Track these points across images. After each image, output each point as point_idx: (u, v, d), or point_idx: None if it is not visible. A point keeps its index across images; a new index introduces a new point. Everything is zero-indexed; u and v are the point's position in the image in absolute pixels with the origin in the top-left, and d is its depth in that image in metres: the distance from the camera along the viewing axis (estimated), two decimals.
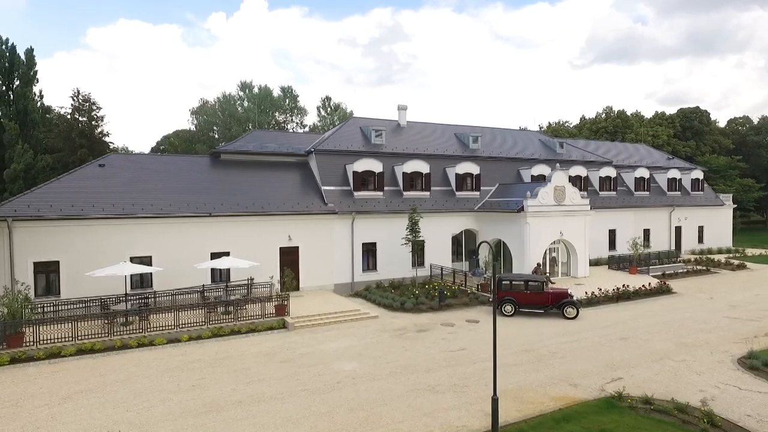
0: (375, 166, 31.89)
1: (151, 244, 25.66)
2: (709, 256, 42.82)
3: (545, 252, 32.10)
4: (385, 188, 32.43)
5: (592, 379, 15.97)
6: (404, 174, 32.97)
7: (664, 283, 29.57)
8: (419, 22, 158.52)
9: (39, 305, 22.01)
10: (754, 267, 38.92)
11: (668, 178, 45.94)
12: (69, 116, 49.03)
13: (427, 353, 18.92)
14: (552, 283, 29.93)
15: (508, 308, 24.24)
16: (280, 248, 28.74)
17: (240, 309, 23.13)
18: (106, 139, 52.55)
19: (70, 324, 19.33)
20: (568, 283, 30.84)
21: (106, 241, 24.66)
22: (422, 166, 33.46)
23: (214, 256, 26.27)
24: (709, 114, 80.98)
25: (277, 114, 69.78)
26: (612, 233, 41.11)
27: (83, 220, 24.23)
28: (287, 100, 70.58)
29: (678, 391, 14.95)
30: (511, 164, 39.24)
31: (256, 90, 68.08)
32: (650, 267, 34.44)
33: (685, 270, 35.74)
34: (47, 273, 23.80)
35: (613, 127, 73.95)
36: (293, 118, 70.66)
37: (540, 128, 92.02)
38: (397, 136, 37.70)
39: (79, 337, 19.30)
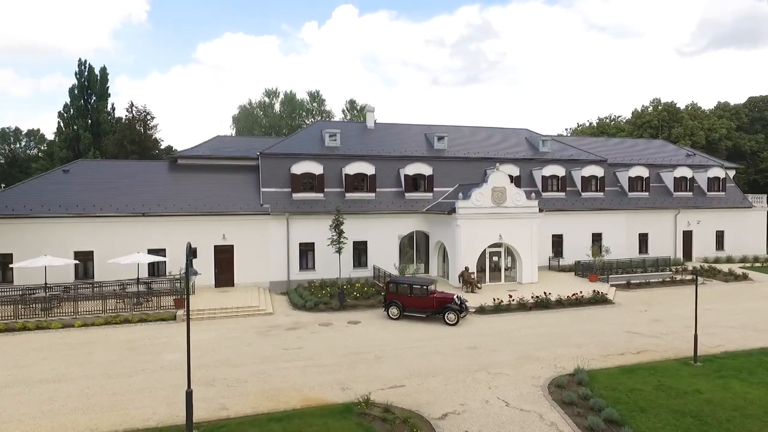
0: (315, 168, 32.80)
1: (93, 240, 28.95)
2: (714, 264, 38.03)
3: (485, 256, 30.98)
4: (326, 190, 33.19)
5: (372, 384, 15.76)
6: (347, 176, 33.50)
7: (599, 292, 27.17)
8: (508, 18, 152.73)
9: None
10: (760, 279, 34.10)
11: (675, 177, 41.36)
12: (125, 126, 55.72)
13: (263, 350, 19.67)
14: (478, 288, 28.92)
15: (394, 311, 24.04)
16: (215, 246, 30.78)
17: (147, 301, 25.44)
18: (163, 144, 59.64)
19: None
20: (506, 288, 29.46)
21: (52, 237, 28.28)
22: (366, 168, 33.72)
23: (152, 252, 28.96)
24: None
25: (304, 118, 72.88)
26: (597, 237, 38.15)
27: (32, 219, 28.05)
28: (315, 104, 73.38)
29: (440, 402, 14.45)
30: (479, 164, 37.96)
31: (282, 96, 71.75)
32: (611, 276, 31.61)
33: (661, 279, 32.28)
34: (3, 263, 27.96)
35: (659, 120, 67.28)
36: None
37: (588, 123, 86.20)
38: (359, 139, 38.22)
39: None
